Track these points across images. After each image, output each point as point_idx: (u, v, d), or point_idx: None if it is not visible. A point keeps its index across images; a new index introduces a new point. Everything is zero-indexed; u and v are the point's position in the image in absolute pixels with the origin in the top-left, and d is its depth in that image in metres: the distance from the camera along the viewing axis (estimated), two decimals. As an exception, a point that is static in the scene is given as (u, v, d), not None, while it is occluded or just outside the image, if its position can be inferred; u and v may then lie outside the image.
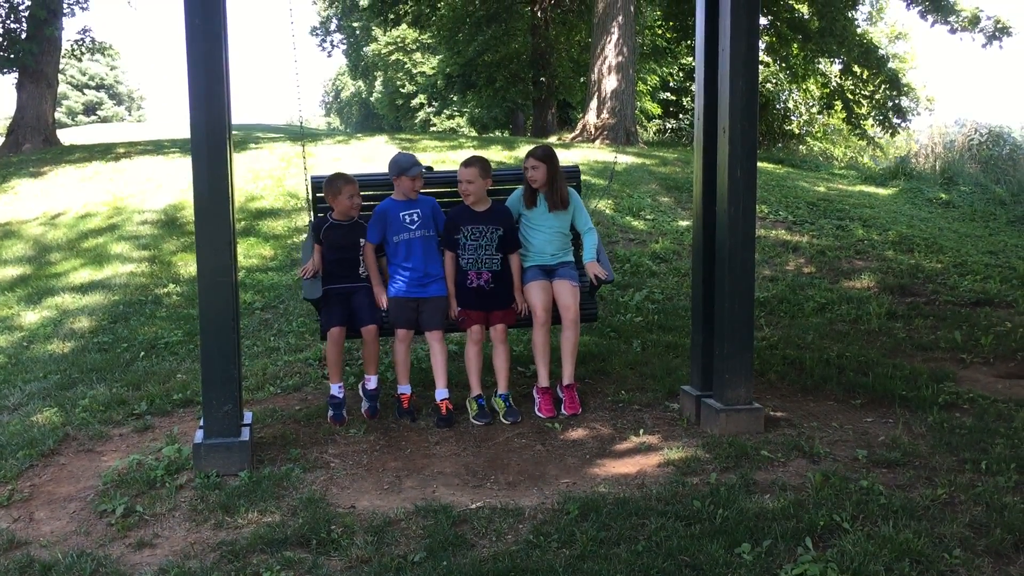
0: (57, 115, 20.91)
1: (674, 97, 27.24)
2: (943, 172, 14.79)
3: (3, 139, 18.65)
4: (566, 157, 13.98)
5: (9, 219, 11.43)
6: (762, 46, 20.71)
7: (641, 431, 5.02)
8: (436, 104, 44.56)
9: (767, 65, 23.25)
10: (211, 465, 4.44)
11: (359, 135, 18.22)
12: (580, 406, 5.39)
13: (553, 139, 19.64)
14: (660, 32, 24.57)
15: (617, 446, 4.84)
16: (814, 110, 25.68)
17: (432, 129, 42.47)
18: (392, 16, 27.12)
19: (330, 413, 5.28)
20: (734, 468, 4.43)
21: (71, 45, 21.23)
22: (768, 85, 23.98)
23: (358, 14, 35.49)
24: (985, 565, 3.40)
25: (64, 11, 18.75)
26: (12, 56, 17.66)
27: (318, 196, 5.66)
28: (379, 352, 5.54)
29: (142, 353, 6.79)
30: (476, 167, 5.53)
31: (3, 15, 17.97)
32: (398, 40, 44.31)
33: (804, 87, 24.44)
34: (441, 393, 5.33)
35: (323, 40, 43.59)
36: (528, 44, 26.53)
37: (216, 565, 3.55)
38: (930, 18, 18.43)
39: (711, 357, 5.21)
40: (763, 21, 20.63)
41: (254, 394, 5.79)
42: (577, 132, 18.87)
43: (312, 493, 4.21)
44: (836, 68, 23.75)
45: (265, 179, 12.29)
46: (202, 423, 4.59)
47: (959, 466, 4.39)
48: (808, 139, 25.78)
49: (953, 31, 18.32)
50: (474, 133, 34.80)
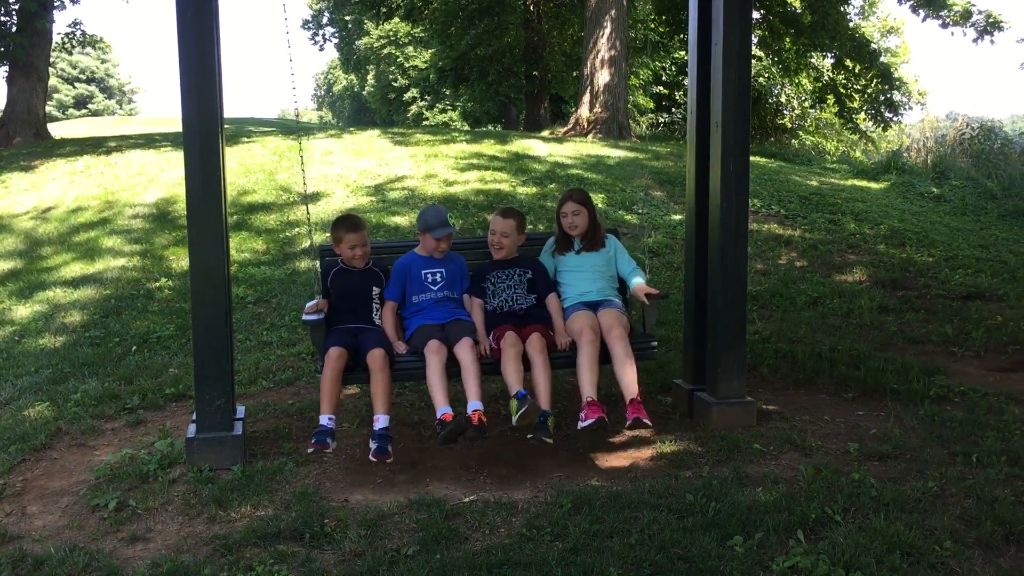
0: (48, 109, 20.82)
1: (666, 91, 27.22)
2: (935, 166, 14.83)
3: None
4: (559, 152, 13.98)
5: (0, 213, 11.37)
6: (754, 40, 20.71)
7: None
8: (429, 98, 44.50)
9: (759, 59, 23.27)
10: (204, 459, 4.44)
11: (351, 129, 18.20)
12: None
13: (546, 133, 19.64)
14: (653, 27, 24.57)
15: (610, 439, 4.85)
16: (806, 104, 25.71)
17: (425, 123, 42.41)
18: (384, 9, 27.10)
19: (312, 440, 4.35)
20: (726, 461, 4.45)
21: (62, 38, 21.16)
22: (760, 79, 24.00)
23: (350, 7, 35.37)
24: (975, 557, 3.42)
25: (55, 4, 18.67)
26: (2, 49, 17.59)
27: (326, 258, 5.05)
28: (390, 387, 4.57)
29: (134, 347, 6.77)
30: (514, 220, 5.01)
31: (-7, 8, 17.91)
32: (390, 34, 44.27)
33: (796, 81, 24.47)
34: (474, 404, 4.40)
35: (315, 34, 43.43)
36: (521, 38, 26.52)
37: (209, 559, 3.55)
38: (922, 12, 18.44)
39: (703, 351, 5.23)
40: (755, 15, 20.65)
41: (247, 388, 5.79)
42: (570, 126, 18.86)
43: (305, 487, 4.22)
44: (828, 62, 23.80)
45: (257, 173, 12.26)
46: (195, 417, 4.58)
47: (950, 459, 4.42)
48: (800, 133, 25.80)
49: (945, 25, 18.32)
50: (467, 127, 34.75)
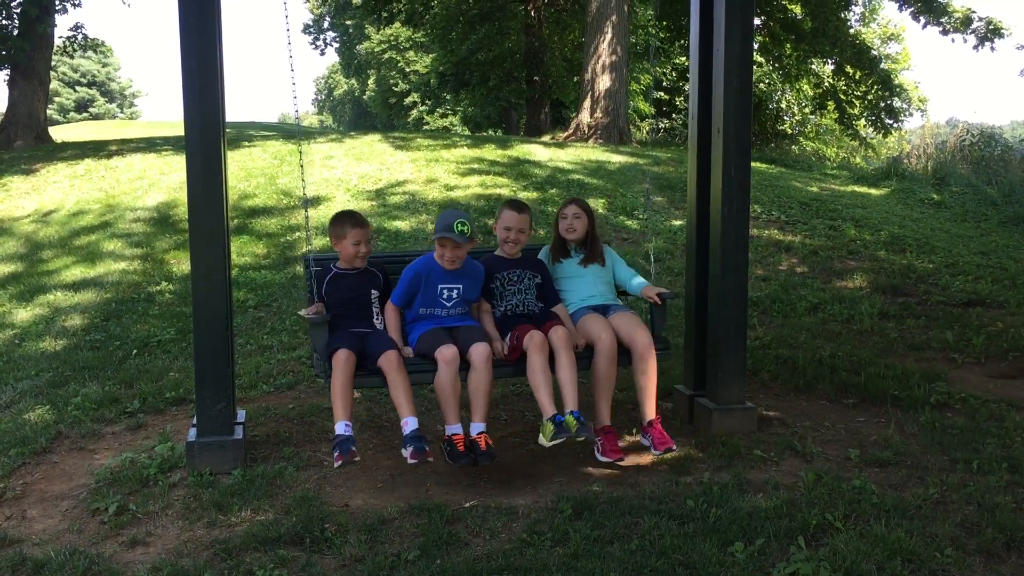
0: (49, 112, 20.84)
1: (667, 97, 27.26)
2: (935, 173, 14.82)
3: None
4: (560, 157, 13.99)
5: (1, 216, 11.38)
6: (755, 46, 20.74)
7: (635, 430, 5.02)
8: (429, 103, 44.57)
9: (760, 65, 23.31)
10: (204, 463, 4.43)
11: (352, 133, 18.20)
12: (672, 440, 4.51)
13: (547, 138, 19.65)
14: (654, 32, 24.61)
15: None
16: (807, 110, 25.74)
17: (425, 128, 42.45)
18: (385, 14, 27.11)
19: (335, 453, 4.13)
20: (727, 467, 4.45)
21: (63, 42, 21.18)
22: (761, 85, 24.03)
23: (351, 12, 35.43)
24: (976, 564, 3.42)
25: (56, 8, 18.69)
26: (4, 53, 17.59)
27: (313, 270, 4.67)
28: (410, 386, 4.28)
29: (135, 351, 6.77)
30: (528, 214, 4.89)
31: (-5, 12, 17.93)
32: (391, 38, 44.34)
33: (797, 87, 24.51)
34: (478, 427, 4.29)
35: (316, 38, 43.49)
36: (521, 43, 26.55)
37: (209, 563, 3.55)
38: (922, 19, 18.47)
39: (704, 356, 5.22)
40: (756, 21, 20.68)
41: (247, 392, 5.78)
42: (570, 131, 18.89)
43: (305, 491, 4.21)
44: (829, 68, 23.84)
45: (258, 177, 12.26)
46: (195, 421, 4.58)
47: (951, 466, 4.41)
48: (801, 139, 25.84)
49: (945, 32, 18.35)
50: (467, 132, 34.79)
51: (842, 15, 21.70)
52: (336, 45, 45.99)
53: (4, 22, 17.95)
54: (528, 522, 3.86)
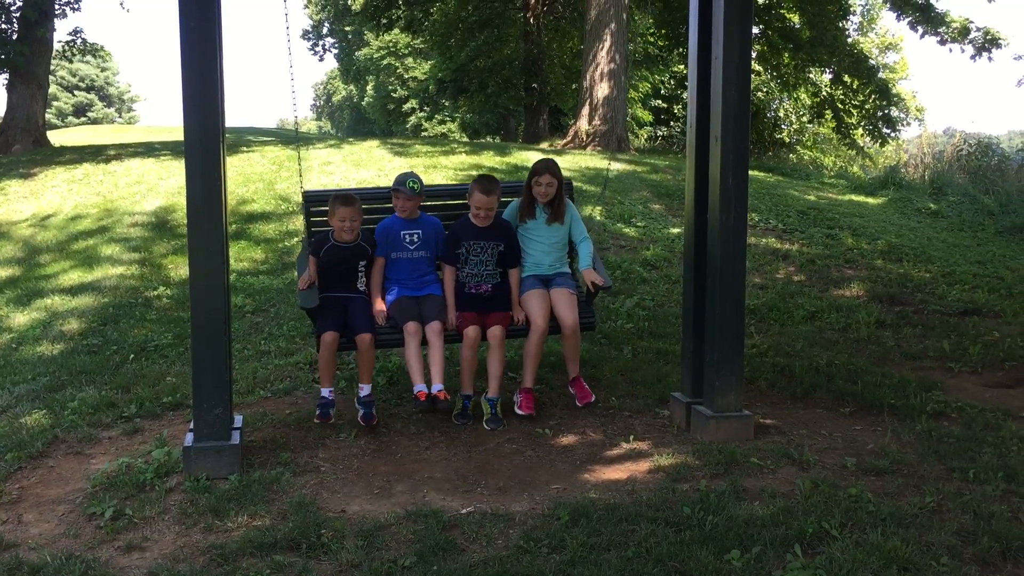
0: (47, 116, 20.84)
1: (665, 105, 27.33)
2: (932, 182, 14.86)
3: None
4: (559, 164, 13.99)
5: (-2, 220, 11.38)
6: (753, 55, 20.79)
7: (631, 437, 5.03)
8: (428, 109, 44.64)
9: (758, 74, 23.36)
10: (201, 468, 4.43)
11: (350, 139, 18.22)
12: (592, 394, 5.43)
13: (545, 145, 19.69)
14: (652, 40, 24.67)
15: (607, 452, 4.85)
16: (804, 119, 25.82)
17: (423, 134, 42.50)
18: (385, 21, 27.18)
19: (317, 412, 5.16)
20: (724, 475, 4.45)
21: (62, 46, 21.19)
22: (759, 94, 24.09)
23: (350, 18, 35.50)
24: (972, 573, 3.42)
25: (55, 12, 18.70)
26: (3, 57, 17.60)
27: (311, 210, 5.63)
28: (373, 361, 5.39)
29: (132, 356, 6.76)
30: (496, 194, 5.40)
31: (-6, 16, 17.94)
32: (390, 45, 44.40)
33: (795, 96, 24.58)
34: (438, 387, 5.08)
35: (315, 44, 43.62)
36: (520, 50, 26.61)
37: (205, 569, 3.54)
38: (920, 29, 18.53)
39: (701, 364, 5.22)
40: (755, 30, 20.72)
41: (244, 398, 5.78)
42: (569, 138, 18.91)
43: (302, 497, 4.21)
44: (827, 77, 23.91)
45: (256, 182, 12.27)
46: (192, 426, 4.58)
47: (947, 474, 4.42)
48: (798, 148, 25.90)
49: (943, 42, 18.42)
50: (466, 138, 34.82)
51: (840, 24, 21.78)
52: (335, 51, 46.12)
53: (3, 26, 17.96)
54: (525, 529, 3.86)
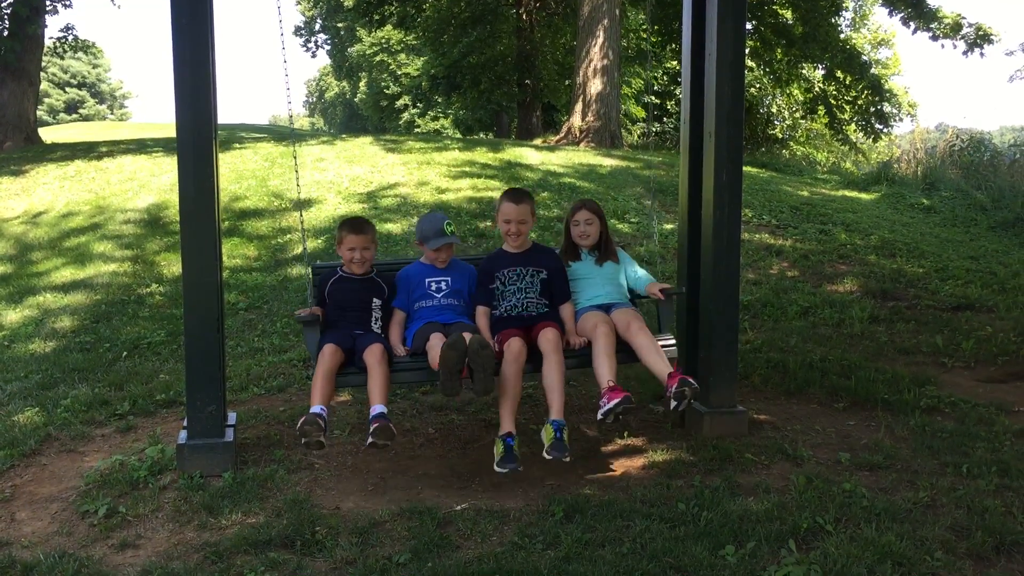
0: (38, 113, 20.75)
1: (658, 100, 27.31)
2: (925, 177, 14.90)
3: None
4: (552, 160, 14.00)
5: (-10, 217, 11.33)
6: (746, 51, 20.81)
7: (626, 433, 5.03)
8: (420, 105, 44.53)
9: (751, 70, 23.38)
10: (195, 466, 4.42)
11: (343, 136, 18.18)
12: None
13: (538, 141, 19.67)
14: (644, 36, 24.65)
15: (602, 448, 4.86)
16: (797, 115, 25.85)
17: (416, 131, 42.43)
18: (377, 17, 27.08)
19: (299, 433, 4.15)
20: (718, 471, 4.45)
21: (54, 43, 21.08)
22: (752, 90, 24.10)
23: (343, 14, 35.41)
24: (966, 567, 3.43)
25: (47, 8, 18.61)
26: (-7, 53, 17.50)
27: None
28: (387, 379, 4.32)
29: (125, 353, 6.74)
30: (529, 204, 4.64)
31: (-15, 12, 17.83)
32: (383, 41, 44.29)
33: (788, 92, 24.60)
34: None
35: (307, 40, 43.47)
36: (513, 46, 26.56)
37: (199, 566, 3.53)
38: (912, 25, 18.56)
39: (695, 360, 5.23)
40: (748, 26, 20.73)
41: (238, 395, 5.77)
42: (562, 135, 18.91)
43: (296, 494, 4.20)
44: (819, 73, 23.93)
45: (249, 179, 12.24)
46: (185, 424, 4.57)
47: (941, 469, 4.43)
48: (791, 144, 25.94)
49: (935, 38, 18.44)
50: (459, 135, 34.79)
51: (833, 20, 21.78)
52: (327, 47, 46.00)
53: (-6, 23, 17.87)
54: (519, 525, 3.86)
